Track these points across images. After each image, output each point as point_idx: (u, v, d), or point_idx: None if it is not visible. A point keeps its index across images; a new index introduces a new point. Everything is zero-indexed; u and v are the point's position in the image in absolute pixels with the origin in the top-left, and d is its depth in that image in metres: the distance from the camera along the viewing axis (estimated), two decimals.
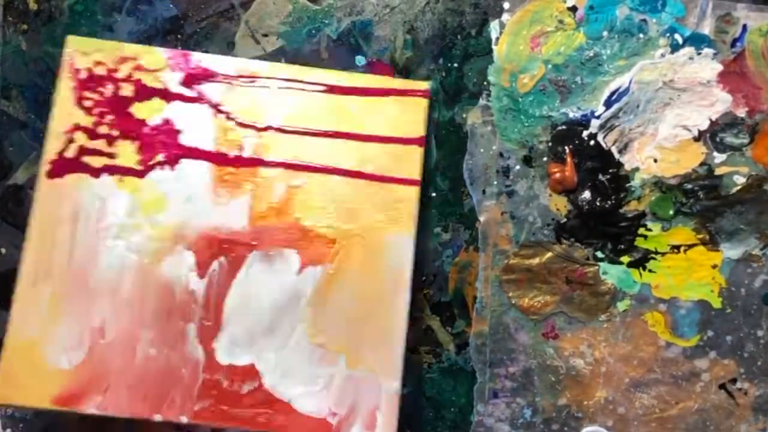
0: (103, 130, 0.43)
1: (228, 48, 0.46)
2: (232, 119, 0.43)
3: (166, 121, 0.43)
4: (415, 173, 0.43)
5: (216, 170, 0.43)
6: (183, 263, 0.42)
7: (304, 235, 0.42)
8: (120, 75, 0.43)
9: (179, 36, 0.46)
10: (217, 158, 0.43)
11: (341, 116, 0.43)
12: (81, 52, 0.43)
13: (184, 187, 0.43)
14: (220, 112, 0.43)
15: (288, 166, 0.43)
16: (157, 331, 0.41)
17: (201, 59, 0.43)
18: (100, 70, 0.43)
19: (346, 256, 0.42)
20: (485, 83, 0.46)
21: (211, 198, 0.43)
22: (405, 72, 0.45)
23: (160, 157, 0.43)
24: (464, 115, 0.46)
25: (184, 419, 0.41)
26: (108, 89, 0.43)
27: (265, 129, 0.43)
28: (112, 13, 0.46)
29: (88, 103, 0.43)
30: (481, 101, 0.46)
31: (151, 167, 0.43)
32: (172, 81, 0.43)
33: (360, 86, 0.44)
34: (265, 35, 0.46)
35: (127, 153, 0.43)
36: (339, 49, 0.46)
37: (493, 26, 0.45)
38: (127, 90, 0.43)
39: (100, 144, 0.43)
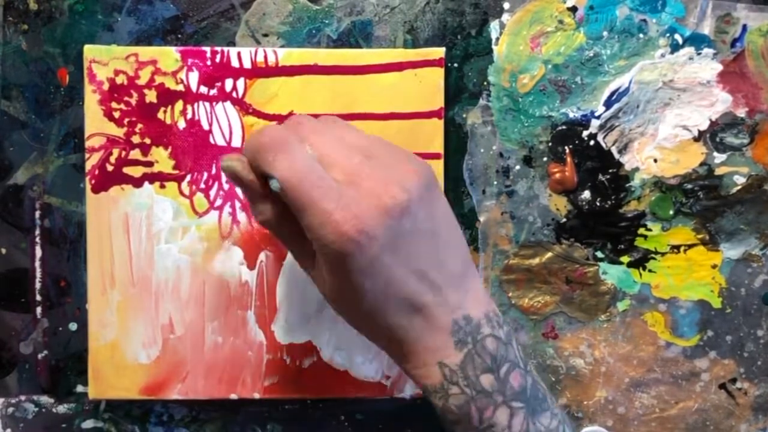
0: (136, 139, 0.44)
1: None
2: (256, 112, 0.44)
3: (193, 123, 0.44)
4: (438, 146, 0.44)
5: None
6: (233, 258, 0.45)
7: None
8: (141, 82, 0.44)
9: (179, 36, 0.46)
10: None
11: (360, 97, 0.44)
12: (99, 63, 0.44)
13: (221, 186, 0.45)
14: (243, 106, 0.44)
15: None
16: (220, 321, 0.45)
17: (216, 53, 0.44)
18: (121, 80, 0.44)
19: None
20: (485, 83, 0.46)
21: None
22: None
23: (194, 162, 0.45)
24: (464, 115, 0.46)
25: (256, 395, 0.45)
26: (133, 98, 0.44)
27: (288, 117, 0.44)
28: (112, 13, 0.46)
29: (116, 114, 0.44)
30: (481, 101, 0.46)
31: (189, 172, 0.44)
32: (192, 81, 0.44)
33: (376, 63, 0.44)
34: (265, 35, 0.46)
35: (162, 159, 0.44)
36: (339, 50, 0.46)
37: (493, 26, 0.45)
38: (151, 96, 0.44)
39: (136, 154, 0.44)
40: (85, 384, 0.47)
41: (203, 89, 0.44)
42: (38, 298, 0.47)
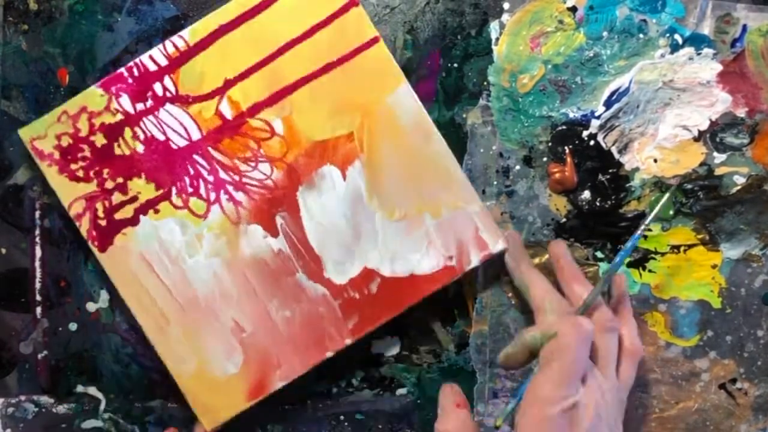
0: (109, 185, 0.44)
1: None
2: (196, 98, 0.44)
3: (150, 141, 0.44)
4: (370, 32, 0.44)
5: (219, 148, 0.44)
6: (256, 236, 0.45)
7: (326, 147, 0.44)
8: (84, 132, 0.44)
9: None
10: (212, 138, 0.44)
11: (277, 28, 0.43)
12: (39, 138, 0.44)
13: (207, 181, 0.44)
14: (182, 100, 0.44)
15: (267, 103, 0.44)
16: (278, 297, 0.45)
17: (131, 69, 0.44)
18: (66, 141, 0.44)
19: (369, 139, 0.44)
20: (485, 83, 0.46)
21: (236, 172, 0.44)
22: (405, 72, 0.45)
23: (170, 175, 0.44)
24: (464, 115, 0.46)
25: (348, 341, 0.45)
26: (86, 150, 0.44)
27: (226, 86, 0.44)
28: (112, 13, 0.46)
29: (80, 173, 0.44)
30: (481, 101, 0.46)
31: (171, 185, 0.44)
32: (126, 105, 0.44)
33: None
34: None
35: (142, 188, 0.44)
36: None
37: (493, 26, 0.45)
38: (99, 139, 0.44)
39: (118, 197, 0.44)
40: (84, 384, 0.47)
41: (139, 106, 0.44)
42: (38, 298, 0.47)
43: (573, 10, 0.45)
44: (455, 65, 0.46)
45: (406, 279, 0.45)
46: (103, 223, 0.44)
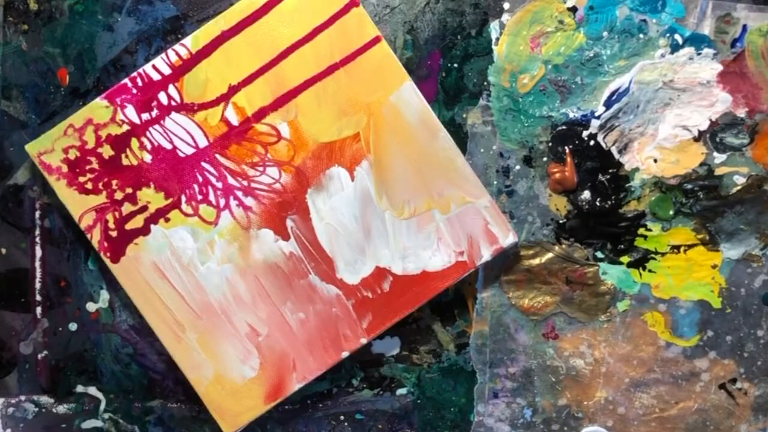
0: (119, 195, 0.44)
1: None
2: (201, 106, 0.44)
3: (157, 150, 0.44)
4: (371, 32, 0.44)
5: (227, 154, 0.44)
6: (267, 240, 0.45)
7: (332, 149, 0.44)
8: (91, 145, 0.44)
9: (179, 36, 0.46)
10: (219, 145, 0.44)
11: (278, 32, 0.44)
12: (47, 153, 0.44)
13: (216, 188, 0.45)
14: (187, 108, 0.44)
15: (273, 107, 0.44)
16: (291, 299, 0.45)
17: (135, 79, 0.44)
18: (73, 154, 0.44)
19: (375, 139, 0.44)
20: (485, 83, 0.46)
21: (245, 178, 0.44)
22: None
23: (179, 183, 0.45)
24: (464, 115, 0.46)
25: (363, 341, 0.45)
26: (93, 162, 0.44)
27: (231, 92, 0.44)
28: (112, 13, 0.46)
29: (89, 186, 0.44)
30: (481, 101, 0.46)
31: (180, 193, 0.44)
32: (131, 115, 0.44)
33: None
34: None
35: (152, 197, 0.44)
36: None
37: (493, 26, 0.45)
38: (106, 151, 0.44)
39: (127, 207, 0.44)
40: (84, 384, 0.47)
41: (145, 116, 0.44)
42: (38, 298, 0.47)
43: (573, 10, 0.45)
44: (455, 65, 0.46)
45: (418, 276, 0.45)
46: (114, 234, 0.44)
